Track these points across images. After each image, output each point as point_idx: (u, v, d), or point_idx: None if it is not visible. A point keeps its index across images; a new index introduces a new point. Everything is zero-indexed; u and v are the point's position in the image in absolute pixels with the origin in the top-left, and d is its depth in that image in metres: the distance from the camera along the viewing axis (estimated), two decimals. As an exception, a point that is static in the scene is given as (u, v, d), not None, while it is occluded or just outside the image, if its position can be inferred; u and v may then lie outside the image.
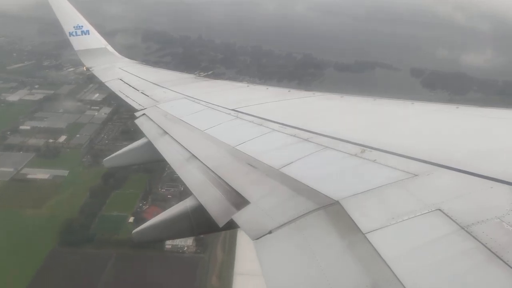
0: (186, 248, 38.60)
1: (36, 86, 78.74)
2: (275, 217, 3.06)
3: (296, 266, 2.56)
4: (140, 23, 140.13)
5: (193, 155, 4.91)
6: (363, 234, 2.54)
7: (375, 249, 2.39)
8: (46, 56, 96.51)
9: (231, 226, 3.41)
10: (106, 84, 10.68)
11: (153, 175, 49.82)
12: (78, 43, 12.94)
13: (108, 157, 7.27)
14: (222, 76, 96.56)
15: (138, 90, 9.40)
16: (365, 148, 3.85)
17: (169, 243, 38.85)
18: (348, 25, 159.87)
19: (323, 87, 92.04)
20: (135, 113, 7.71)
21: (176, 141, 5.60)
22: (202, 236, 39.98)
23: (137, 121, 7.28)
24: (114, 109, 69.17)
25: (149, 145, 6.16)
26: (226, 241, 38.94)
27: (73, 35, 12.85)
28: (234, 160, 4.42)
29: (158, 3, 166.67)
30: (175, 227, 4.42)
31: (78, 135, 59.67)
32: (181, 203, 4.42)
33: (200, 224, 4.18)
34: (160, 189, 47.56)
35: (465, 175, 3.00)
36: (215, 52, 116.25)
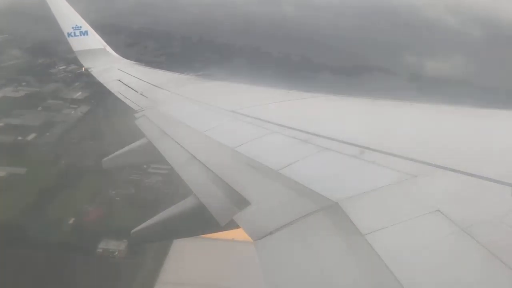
0: (117, 252, 38.10)
1: (24, 84, 79.98)
2: (275, 218, 3.07)
3: (297, 267, 2.54)
4: (143, 22, 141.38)
5: (193, 156, 4.95)
6: (363, 235, 2.52)
7: (374, 251, 2.36)
8: (43, 54, 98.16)
9: (232, 226, 3.47)
10: (105, 85, 10.66)
11: (109, 177, 49.60)
12: (76, 43, 13.08)
13: (107, 158, 7.31)
14: (211, 77, 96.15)
15: (137, 91, 9.47)
16: (364, 150, 3.83)
17: (101, 247, 38.63)
18: (349, 24, 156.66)
19: (315, 90, 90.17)
20: (134, 114, 7.75)
21: (176, 142, 5.62)
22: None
23: (137, 122, 7.32)
24: (91, 108, 69.78)
25: (148, 146, 6.26)
26: (160, 249, 38.20)
27: (72, 36, 12.90)
28: (234, 161, 4.43)
29: (161, 2, 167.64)
30: (174, 227, 4.58)
31: (48, 134, 60.18)
32: (180, 203, 4.51)
33: (200, 224, 4.31)
34: (110, 192, 47.19)
35: (465, 176, 3.00)
36: (212, 52, 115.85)
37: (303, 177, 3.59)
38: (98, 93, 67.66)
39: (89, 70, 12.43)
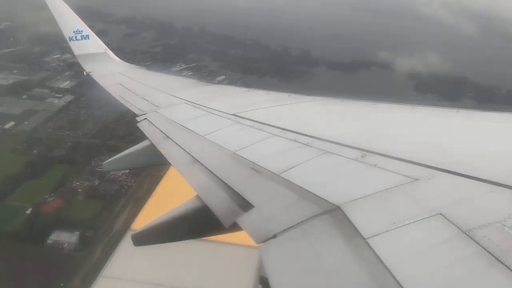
0: (67, 244, 38.11)
1: (15, 71, 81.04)
2: (278, 221, 3.07)
3: (301, 271, 2.56)
4: (147, 13, 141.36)
5: (195, 159, 4.97)
6: (364, 239, 2.53)
7: (376, 254, 2.37)
8: (40, 42, 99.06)
9: (235, 228, 3.47)
10: (106, 89, 10.63)
11: (74, 168, 49.82)
12: (78, 48, 12.93)
13: (108, 160, 7.39)
14: (204, 68, 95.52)
15: (138, 95, 9.45)
16: (365, 153, 3.85)
17: (52, 238, 38.71)
18: (351, 17, 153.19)
19: (307, 86, 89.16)
20: (136, 118, 7.81)
21: (178, 145, 5.66)
22: (87, 234, 40.06)
23: (138, 125, 7.40)
24: (75, 98, 70.13)
25: (150, 149, 6.32)
26: (110, 243, 38.06)
27: (73, 40, 12.82)
28: (235, 164, 4.47)
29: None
30: (175, 230, 4.55)
31: (26, 122, 60.68)
32: (181, 205, 4.50)
33: (201, 226, 4.35)
34: (74, 183, 47.22)
35: (466, 179, 2.99)
36: (210, 44, 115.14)
37: (304, 181, 3.57)
38: (86, 83, 68.11)
39: (90, 74, 12.12)
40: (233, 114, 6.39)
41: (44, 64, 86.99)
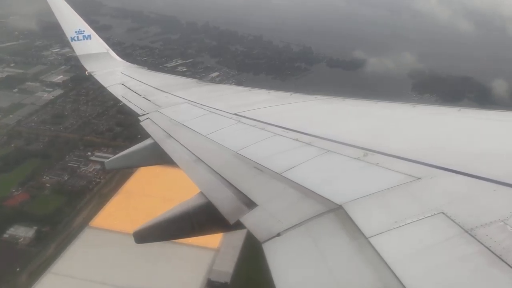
0: (22, 239, 38.37)
1: (12, 65, 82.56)
2: (282, 220, 3.12)
3: (304, 269, 2.60)
4: (154, 7, 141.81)
5: (199, 158, 5.04)
6: (366, 238, 2.56)
7: (378, 253, 2.40)
8: (42, 36, 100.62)
9: (238, 227, 3.52)
10: (108, 89, 10.88)
11: (47, 162, 50.25)
12: (79, 48, 13.05)
13: (110, 159, 7.51)
14: (200, 64, 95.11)
15: (140, 95, 9.61)
16: (367, 152, 3.86)
17: (8, 233, 39.07)
18: (351, 13, 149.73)
19: (302, 83, 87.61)
20: (138, 117, 7.97)
21: (182, 144, 5.73)
22: (45, 229, 40.23)
23: (142, 124, 7.53)
24: (64, 92, 70.93)
25: (152, 147, 6.46)
26: (65, 239, 38.24)
27: (75, 40, 12.91)
28: (238, 164, 4.53)
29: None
30: (176, 227, 4.63)
31: (11, 115, 61.67)
32: (183, 203, 4.56)
33: (201, 224, 4.46)
34: (44, 177, 47.58)
35: (468, 178, 3.00)
36: (211, 39, 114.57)
37: (306, 180, 3.59)
38: (79, 78, 68.59)
39: (92, 74, 12.18)
40: (235, 114, 6.37)
41: (42, 58, 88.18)
